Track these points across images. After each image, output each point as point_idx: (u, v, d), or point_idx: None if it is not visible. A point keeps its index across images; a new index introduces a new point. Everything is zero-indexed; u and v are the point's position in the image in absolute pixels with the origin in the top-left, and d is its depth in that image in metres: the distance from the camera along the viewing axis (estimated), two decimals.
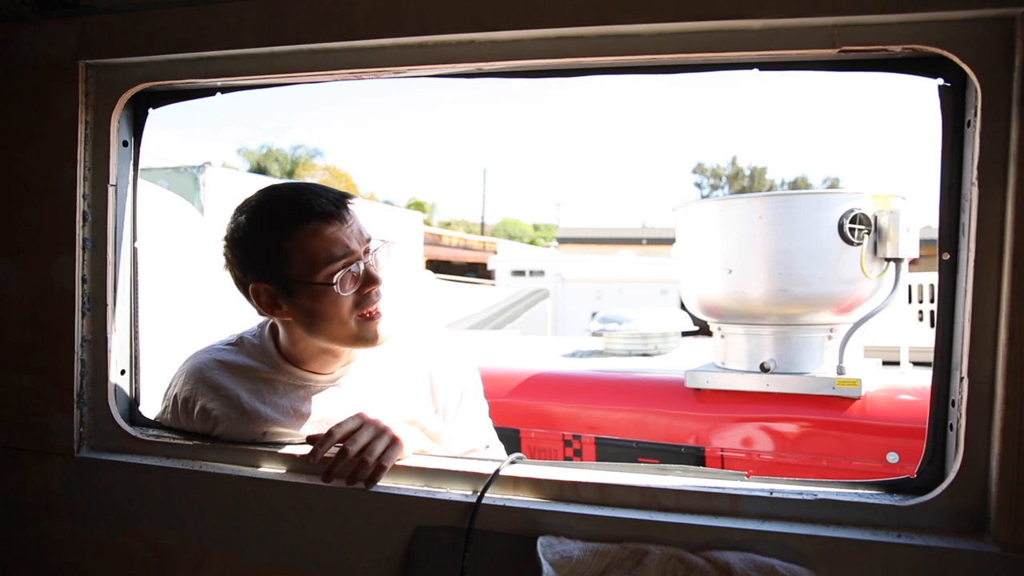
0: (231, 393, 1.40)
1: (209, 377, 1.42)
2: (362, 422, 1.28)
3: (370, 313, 1.34)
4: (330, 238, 1.30)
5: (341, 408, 1.39)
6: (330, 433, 1.27)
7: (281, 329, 1.43)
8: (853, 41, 1.04)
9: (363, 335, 1.34)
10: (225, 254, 1.38)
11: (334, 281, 1.29)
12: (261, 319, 1.52)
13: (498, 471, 1.18)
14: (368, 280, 1.33)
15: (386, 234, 1.41)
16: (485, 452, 1.56)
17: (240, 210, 1.37)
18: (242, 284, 1.37)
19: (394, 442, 1.26)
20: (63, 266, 1.35)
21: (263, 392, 1.41)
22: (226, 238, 1.37)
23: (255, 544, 1.27)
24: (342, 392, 1.45)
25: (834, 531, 1.03)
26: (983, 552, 0.97)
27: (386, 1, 1.19)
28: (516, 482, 1.18)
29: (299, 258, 1.29)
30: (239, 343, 1.48)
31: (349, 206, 1.35)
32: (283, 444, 1.36)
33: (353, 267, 1.31)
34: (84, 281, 1.36)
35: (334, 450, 1.26)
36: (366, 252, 1.35)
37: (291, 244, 1.29)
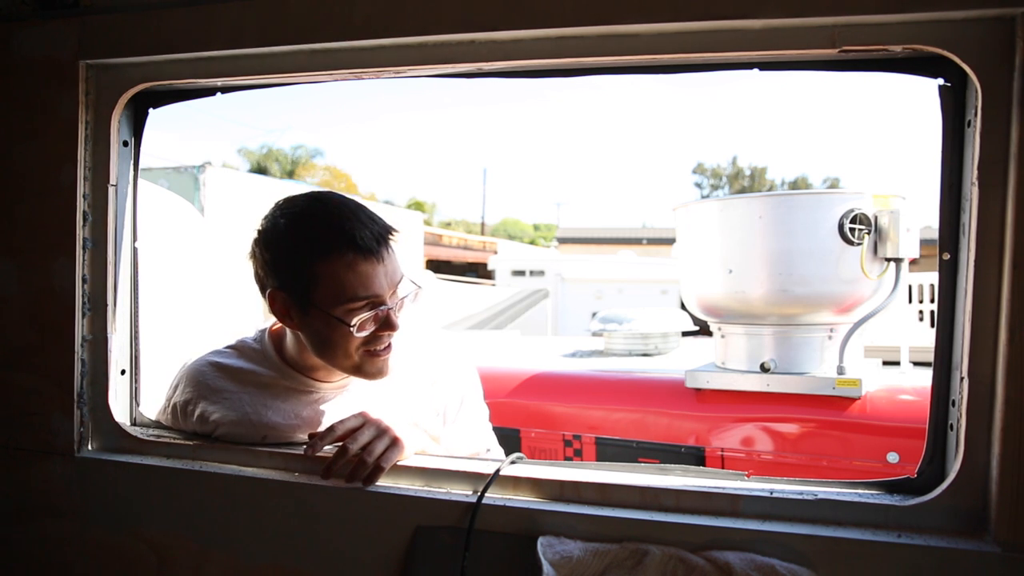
0: (231, 396, 1.40)
1: (208, 381, 1.41)
2: (364, 421, 1.28)
3: (377, 351, 1.32)
4: (361, 276, 1.25)
5: (343, 412, 1.39)
6: (332, 428, 1.26)
7: (289, 336, 1.41)
8: (853, 41, 1.04)
9: (365, 369, 1.33)
10: (254, 249, 1.34)
11: (352, 323, 1.26)
12: (263, 325, 1.52)
13: (498, 471, 1.18)
14: (386, 325, 1.30)
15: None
16: (486, 456, 1.56)
17: (282, 211, 1.32)
18: (261, 283, 1.35)
19: (394, 443, 1.26)
20: (63, 266, 1.35)
21: (264, 396, 1.40)
22: (260, 233, 1.33)
23: (255, 544, 1.27)
24: (345, 396, 1.44)
25: (834, 531, 1.03)
26: (983, 552, 0.97)
27: (386, 1, 1.19)
28: (516, 482, 1.18)
29: (326, 284, 1.25)
30: (239, 347, 1.47)
31: (391, 243, 1.31)
32: (283, 444, 1.36)
33: (376, 310, 1.28)
34: (84, 281, 1.36)
35: (333, 448, 1.26)
36: (393, 295, 1.31)
37: (322, 268, 1.25)
